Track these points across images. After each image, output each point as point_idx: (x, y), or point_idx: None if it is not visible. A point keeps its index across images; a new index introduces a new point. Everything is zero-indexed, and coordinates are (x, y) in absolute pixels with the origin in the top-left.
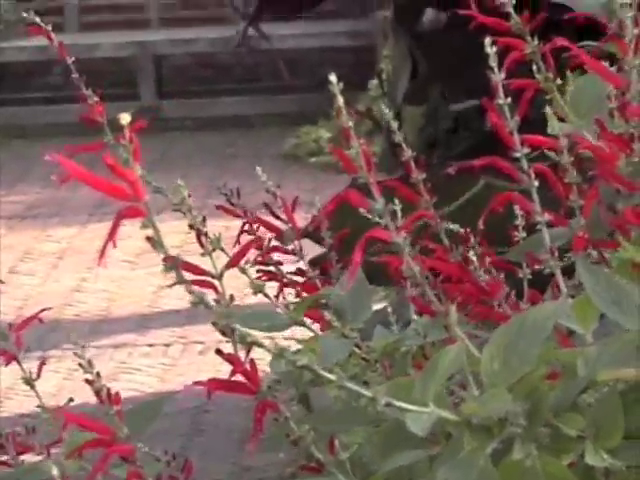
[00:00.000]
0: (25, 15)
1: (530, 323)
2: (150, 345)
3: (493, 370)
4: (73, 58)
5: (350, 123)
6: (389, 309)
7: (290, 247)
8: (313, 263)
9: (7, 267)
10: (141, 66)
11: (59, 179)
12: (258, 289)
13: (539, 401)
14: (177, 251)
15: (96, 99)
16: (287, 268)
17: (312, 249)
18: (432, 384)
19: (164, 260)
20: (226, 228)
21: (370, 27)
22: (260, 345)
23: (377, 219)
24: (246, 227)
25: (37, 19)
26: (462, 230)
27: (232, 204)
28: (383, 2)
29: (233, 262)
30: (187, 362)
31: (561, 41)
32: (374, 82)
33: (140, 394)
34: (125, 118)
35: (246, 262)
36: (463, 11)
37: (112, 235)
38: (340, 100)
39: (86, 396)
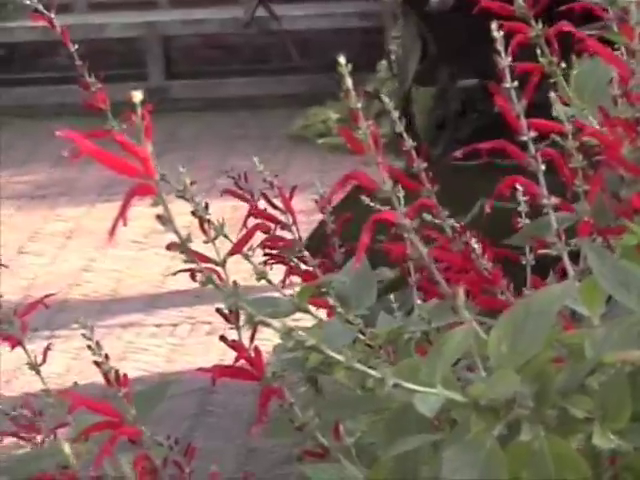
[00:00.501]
0: None
1: (537, 306)
2: (158, 325)
3: (501, 352)
4: (81, 38)
5: (359, 104)
6: (392, 296)
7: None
8: (311, 239)
9: (16, 247)
10: (150, 47)
11: (71, 156)
12: (262, 275)
13: (547, 383)
14: (185, 232)
15: (99, 85)
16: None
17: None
18: (440, 366)
19: (169, 246)
20: (234, 209)
21: (380, 8)
22: (268, 325)
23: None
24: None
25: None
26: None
27: (239, 187)
28: None
29: (236, 249)
30: (195, 342)
31: (566, 26)
32: (383, 63)
33: (148, 374)
34: (137, 96)
35: (250, 248)
36: None
37: (123, 213)
38: (349, 81)
39: (94, 376)
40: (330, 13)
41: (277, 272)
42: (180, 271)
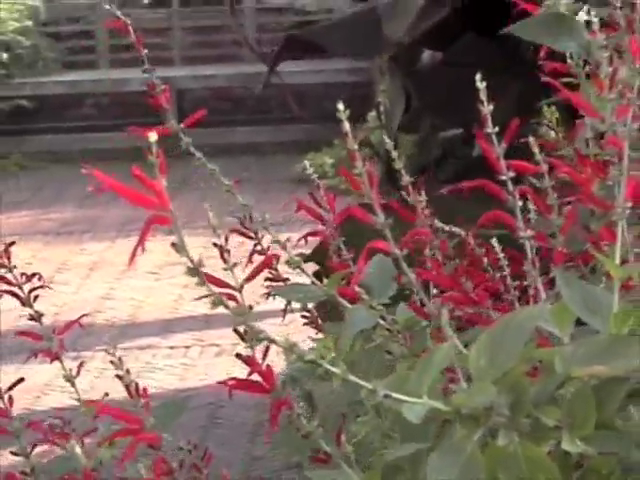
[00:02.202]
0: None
1: (514, 325)
2: (171, 347)
3: (480, 366)
4: (106, 91)
5: (356, 146)
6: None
7: None
8: (313, 253)
9: (45, 277)
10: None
11: (96, 190)
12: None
13: (521, 394)
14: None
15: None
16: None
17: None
18: (426, 378)
19: (187, 271)
20: (240, 244)
21: (368, 65)
22: (272, 341)
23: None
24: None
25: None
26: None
27: (244, 227)
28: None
29: (252, 276)
30: (204, 363)
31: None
32: (372, 114)
33: (163, 391)
34: (152, 136)
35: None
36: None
37: (141, 241)
38: (347, 125)
39: (114, 393)
40: (323, 69)
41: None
42: (200, 297)
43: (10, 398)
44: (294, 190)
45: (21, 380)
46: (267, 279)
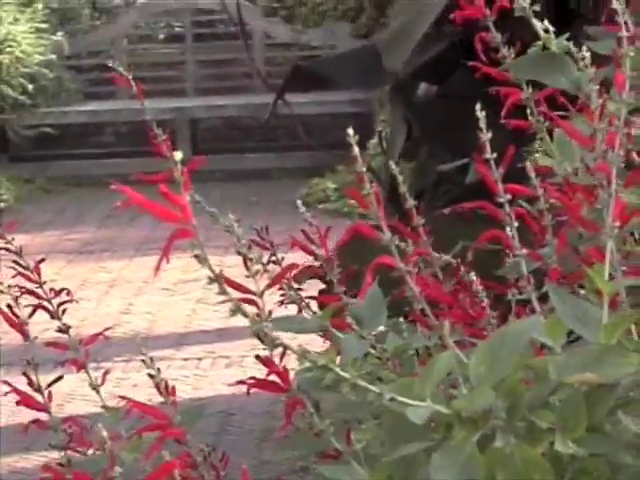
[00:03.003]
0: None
1: (510, 335)
2: (185, 359)
3: (479, 373)
4: (125, 120)
5: (364, 168)
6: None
7: None
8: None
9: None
10: (179, 127)
11: (122, 204)
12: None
13: (517, 399)
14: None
15: None
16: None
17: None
18: (429, 383)
19: (209, 280)
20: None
21: (368, 96)
22: (287, 347)
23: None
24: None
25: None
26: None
27: (262, 238)
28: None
29: (273, 283)
30: (215, 373)
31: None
32: (373, 142)
33: (177, 399)
34: (178, 155)
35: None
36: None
37: (166, 253)
38: (356, 149)
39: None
40: (326, 100)
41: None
42: (222, 302)
43: (50, 394)
44: (299, 212)
45: (60, 378)
46: (280, 288)
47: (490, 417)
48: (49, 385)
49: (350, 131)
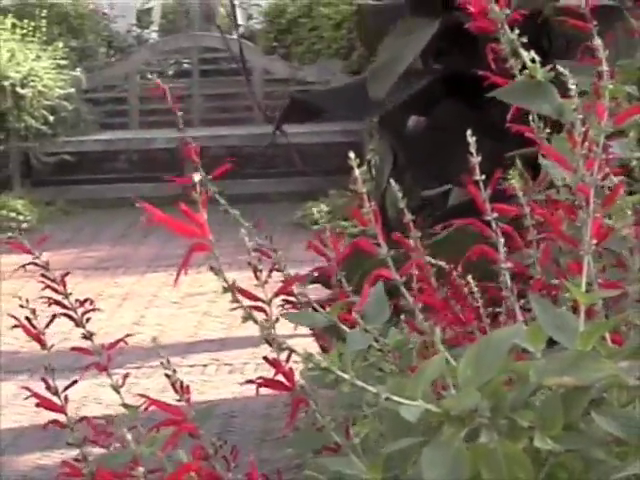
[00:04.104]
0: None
1: (494, 341)
2: (191, 366)
3: (466, 376)
4: (136, 149)
5: (364, 189)
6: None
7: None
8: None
9: (86, 305)
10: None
11: (146, 221)
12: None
13: (500, 400)
14: (219, 291)
15: None
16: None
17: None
18: (421, 384)
19: (224, 289)
20: (249, 278)
21: (359, 127)
22: (293, 351)
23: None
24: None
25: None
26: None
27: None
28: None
29: (279, 292)
30: (219, 379)
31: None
32: (363, 169)
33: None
34: (196, 177)
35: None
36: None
37: (185, 264)
38: (356, 171)
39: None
40: (320, 131)
41: None
42: (234, 309)
43: (66, 397)
44: (295, 232)
45: (75, 382)
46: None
47: (476, 416)
48: (65, 388)
49: (351, 154)
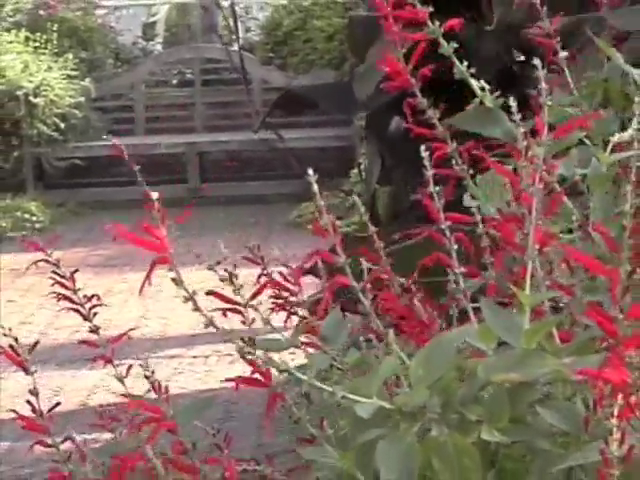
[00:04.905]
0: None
1: (444, 342)
2: (194, 357)
3: (418, 374)
4: (141, 153)
5: (322, 203)
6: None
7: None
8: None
9: (95, 300)
10: (189, 159)
11: (114, 237)
12: (266, 322)
13: (450, 395)
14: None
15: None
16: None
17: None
18: (375, 383)
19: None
20: (249, 274)
21: (351, 133)
22: (271, 362)
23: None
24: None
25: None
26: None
27: (255, 255)
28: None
29: (255, 295)
30: (221, 369)
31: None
32: (354, 171)
33: (188, 391)
34: (154, 195)
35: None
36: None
37: (148, 276)
38: (315, 187)
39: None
40: (315, 136)
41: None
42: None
43: (50, 417)
44: (292, 231)
45: (58, 404)
46: (272, 297)
47: (427, 411)
48: (49, 411)
49: (310, 170)
